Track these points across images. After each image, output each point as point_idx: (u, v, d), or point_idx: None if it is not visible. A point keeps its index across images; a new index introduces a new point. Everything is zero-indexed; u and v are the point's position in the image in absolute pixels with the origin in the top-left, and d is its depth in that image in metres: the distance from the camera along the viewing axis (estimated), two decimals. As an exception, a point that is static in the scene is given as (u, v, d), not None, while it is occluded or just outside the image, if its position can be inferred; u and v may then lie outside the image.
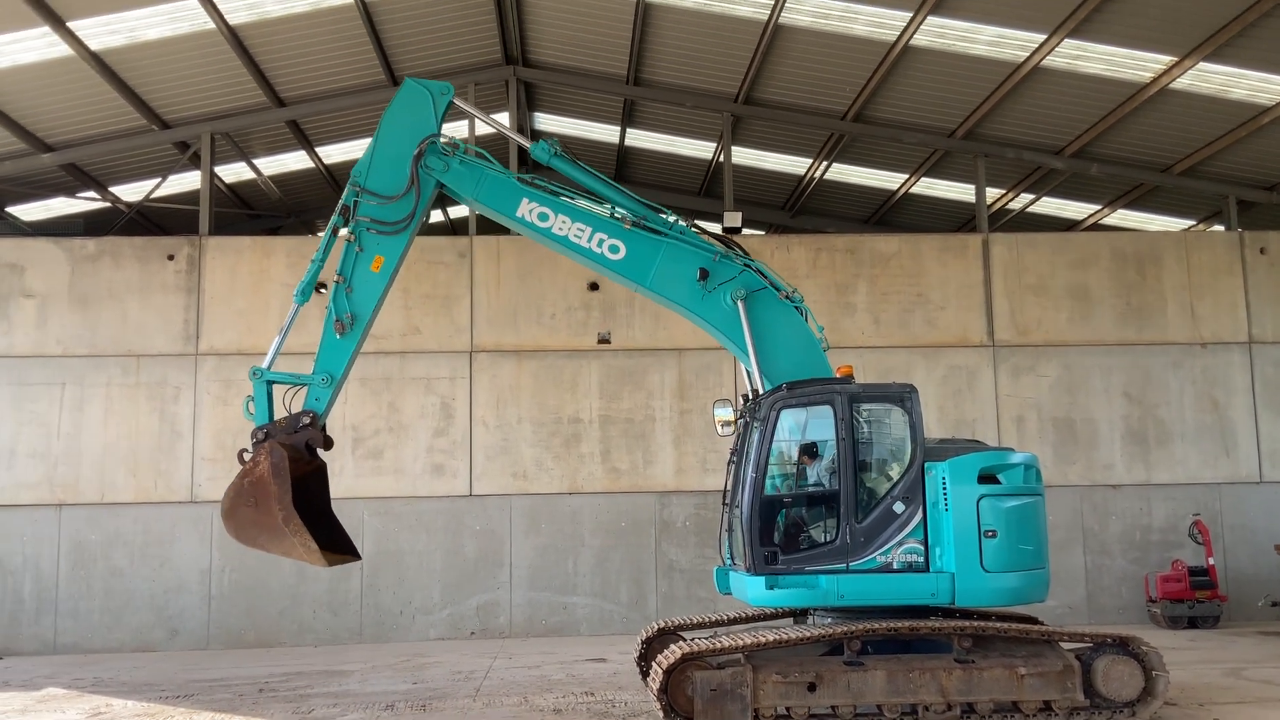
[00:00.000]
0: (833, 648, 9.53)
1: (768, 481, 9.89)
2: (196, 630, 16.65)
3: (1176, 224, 21.48)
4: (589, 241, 10.63)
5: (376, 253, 10.52)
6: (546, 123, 21.14)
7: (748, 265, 10.58)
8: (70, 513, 16.77)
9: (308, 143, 19.88)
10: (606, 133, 21.06)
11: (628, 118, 20.18)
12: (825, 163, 20.57)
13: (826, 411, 9.87)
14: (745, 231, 19.37)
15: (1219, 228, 20.28)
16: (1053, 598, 11.37)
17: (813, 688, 9.19)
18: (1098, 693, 9.43)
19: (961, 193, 21.21)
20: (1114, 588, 17.47)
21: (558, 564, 17.12)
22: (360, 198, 10.56)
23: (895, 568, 9.60)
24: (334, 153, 20.67)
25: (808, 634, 9.42)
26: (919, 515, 9.66)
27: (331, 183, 21.40)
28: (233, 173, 20.63)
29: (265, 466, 9.84)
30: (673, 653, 9.24)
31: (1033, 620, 10.22)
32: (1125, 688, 9.45)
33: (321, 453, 10.46)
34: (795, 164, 21.21)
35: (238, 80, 17.12)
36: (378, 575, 16.89)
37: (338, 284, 10.47)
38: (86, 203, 20.35)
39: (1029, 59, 15.71)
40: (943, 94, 17.30)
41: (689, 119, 19.81)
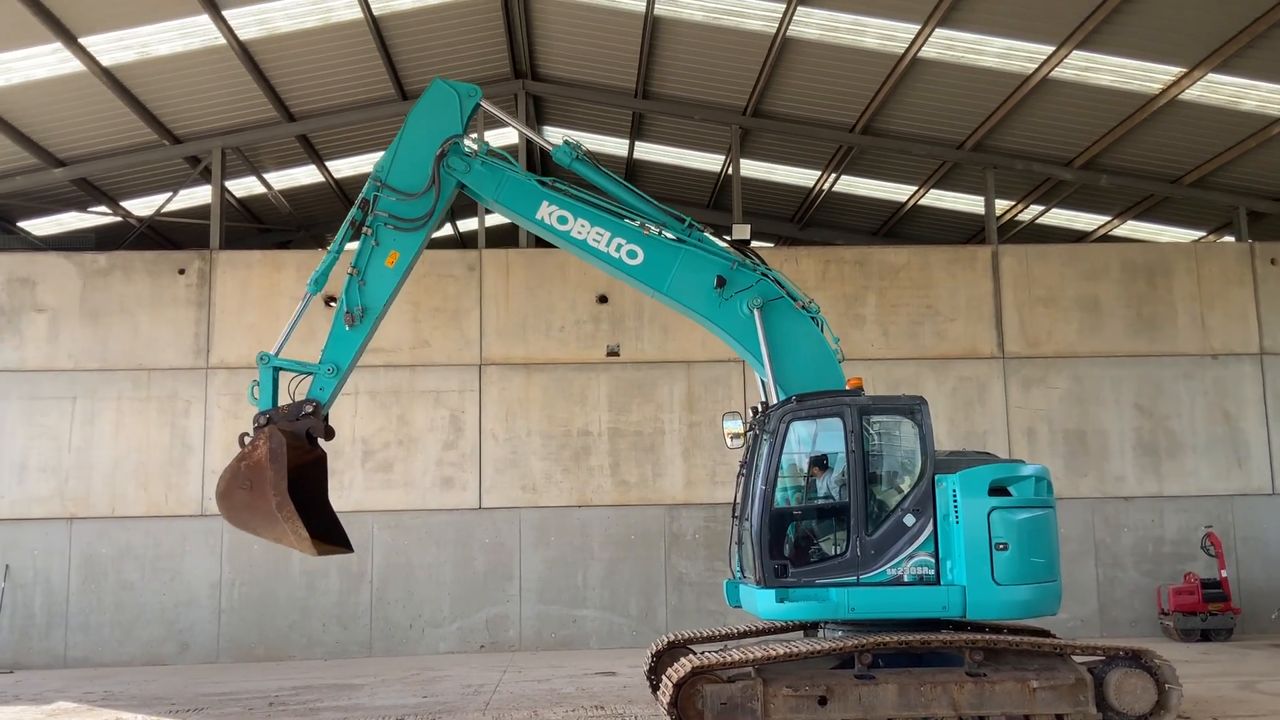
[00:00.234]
0: (843, 661, 9.50)
1: (778, 494, 9.87)
2: (206, 644, 16.66)
3: (1187, 235, 21.44)
4: (607, 246, 10.66)
5: (392, 248, 10.59)
6: (555, 136, 21.18)
7: (765, 274, 10.60)
8: (81, 526, 16.80)
9: (318, 157, 19.96)
10: (616, 146, 21.11)
11: (637, 131, 20.23)
12: (834, 175, 20.58)
13: (836, 424, 9.85)
14: (754, 244, 19.31)
15: (1229, 239, 20.23)
16: (1064, 611, 11.31)
17: (824, 701, 9.16)
18: (1110, 706, 9.40)
19: (971, 204, 21.19)
20: (1126, 600, 17.38)
21: (567, 577, 17.10)
22: (381, 193, 10.63)
23: (906, 580, 9.56)
24: (344, 167, 20.74)
25: (818, 647, 9.39)
26: (930, 528, 9.62)
27: (341, 197, 21.47)
28: (243, 187, 20.72)
29: (263, 451, 9.87)
30: (683, 666, 9.22)
31: (1044, 633, 10.19)
32: (1138, 701, 9.41)
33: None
34: (804, 176, 21.23)
35: (248, 95, 17.21)
36: (387, 588, 16.89)
37: (351, 276, 10.55)
38: (98, 217, 20.46)
39: (1038, 70, 15.71)
40: (952, 106, 17.31)
41: (698, 132, 19.85)
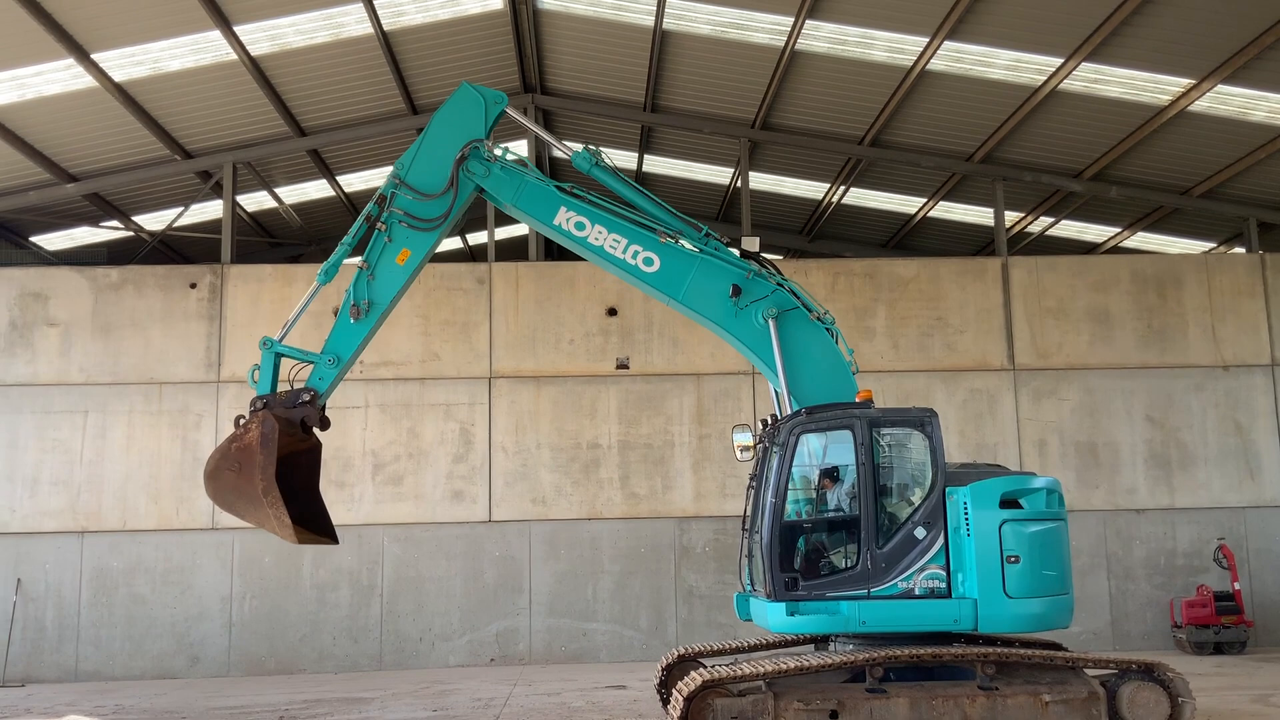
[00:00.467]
0: (855, 675, 9.48)
1: (788, 507, 9.86)
2: (217, 657, 16.67)
3: (1197, 246, 21.39)
4: (624, 253, 10.69)
5: (404, 246, 10.66)
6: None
7: (781, 284, 10.60)
8: (92, 540, 16.85)
9: (329, 171, 20.04)
10: (624, 159, 21.16)
11: (646, 144, 20.28)
12: (843, 187, 20.60)
13: (846, 436, 9.84)
14: (762, 256, 19.36)
15: (1240, 250, 20.18)
16: (1077, 624, 11.29)
17: (835, 715, 9.14)
18: (1123, 720, 9.35)
19: (980, 216, 21.18)
20: (1139, 613, 17.30)
21: (577, 590, 17.08)
22: (399, 190, 10.70)
23: (917, 594, 9.54)
24: (355, 181, 20.83)
25: (829, 661, 9.36)
26: (941, 540, 9.60)
27: (352, 211, 21.55)
28: (254, 201, 20.81)
29: (255, 435, 9.89)
30: (693, 680, 9.20)
31: (1057, 646, 10.15)
32: (1151, 715, 9.37)
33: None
34: (813, 189, 21.25)
35: (259, 110, 17.31)
36: (397, 601, 16.89)
37: (361, 270, 10.62)
38: (110, 232, 20.57)
39: (1046, 82, 15.72)
40: (960, 118, 17.33)
41: (706, 145, 19.89)
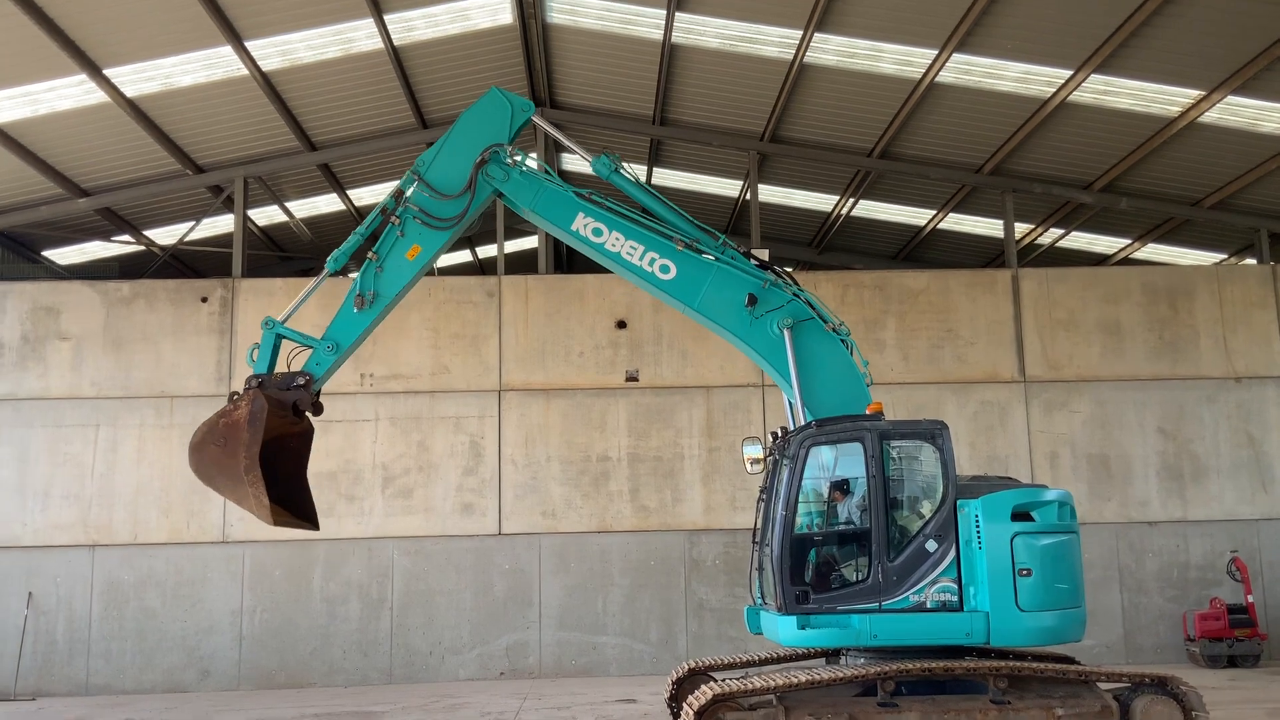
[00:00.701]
0: (866, 688, 9.43)
1: (798, 520, 9.82)
2: (228, 671, 16.67)
3: (1208, 257, 21.33)
4: (640, 260, 10.72)
5: (415, 242, 10.70)
6: (574, 163, 21.30)
7: (796, 295, 10.60)
8: (103, 553, 16.88)
9: (339, 185, 20.12)
10: (633, 172, 21.14)
11: (655, 157, 20.31)
12: (852, 199, 20.60)
13: (856, 449, 9.81)
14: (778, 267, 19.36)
15: (1251, 261, 20.12)
16: (1089, 637, 11.20)
17: (846, 729, 9.09)
18: (1137, 734, 9.28)
19: (990, 228, 21.16)
20: (1151, 626, 17.20)
21: (587, 603, 17.05)
22: (417, 186, 10.75)
23: (929, 607, 9.49)
24: (365, 195, 20.90)
25: (840, 674, 9.32)
26: (952, 553, 9.56)
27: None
28: (265, 215, 20.89)
29: (244, 413, 9.91)
30: (704, 694, 9.17)
31: (1069, 660, 10.09)
32: (1165, 729, 9.29)
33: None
34: (822, 201, 21.25)
35: (270, 125, 17.39)
36: (407, 615, 16.88)
37: (370, 261, 10.67)
38: (121, 246, 20.67)
39: (1056, 94, 15.71)
40: (969, 130, 17.32)
41: (715, 158, 19.91)
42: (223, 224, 20.17)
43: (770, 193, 20.81)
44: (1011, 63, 15.26)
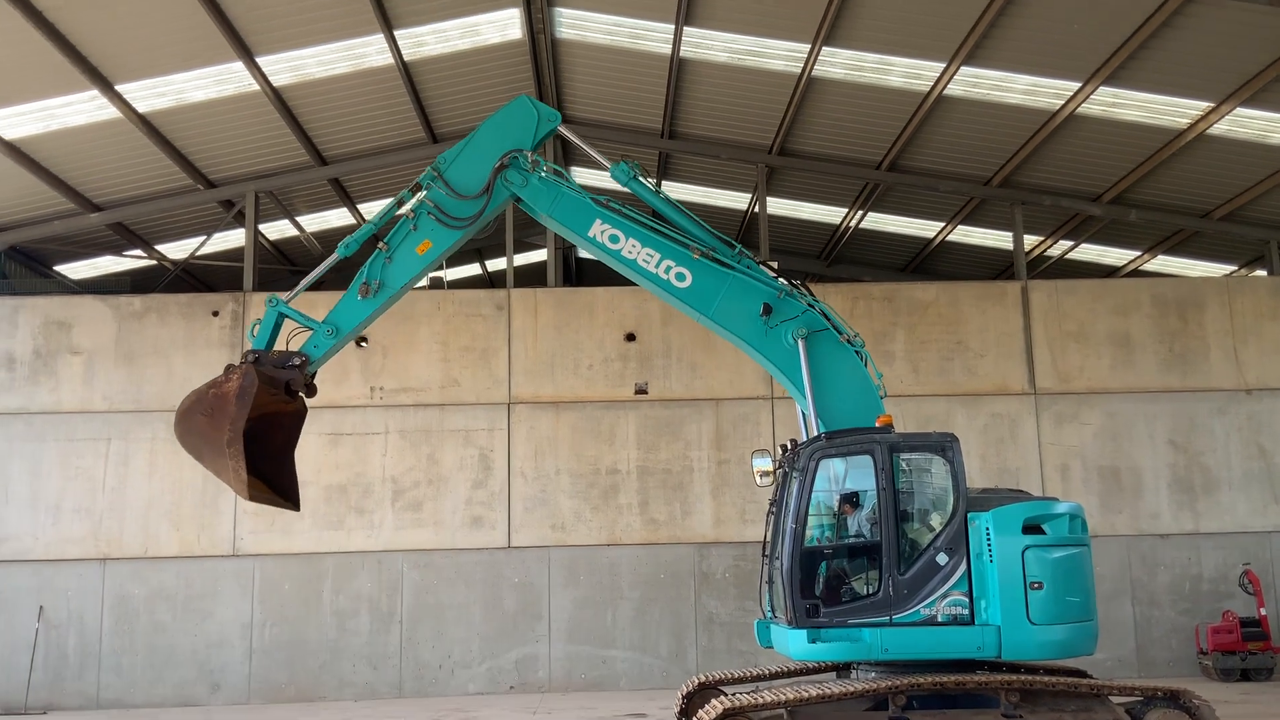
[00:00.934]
0: (877, 703, 9.40)
1: (808, 533, 9.82)
2: (238, 685, 16.67)
3: (1218, 269, 21.28)
4: (656, 267, 10.75)
5: (427, 237, 10.79)
6: (582, 176, 21.35)
7: (811, 305, 10.61)
8: (114, 567, 16.92)
9: (349, 200, 20.20)
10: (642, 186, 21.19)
11: (663, 170, 20.36)
12: (861, 212, 20.61)
13: (866, 461, 9.81)
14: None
15: (1261, 272, 20.07)
16: (1101, 650, 11.15)
17: (857, 743, 9.06)
18: (1150, 748, 9.24)
19: (999, 240, 21.15)
20: (1164, 640, 17.12)
21: (596, 617, 17.03)
22: (435, 183, 10.82)
23: (940, 620, 9.47)
24: (375, 209, 20.94)
25: (851, 689, 9.30)
26: (963, 567, 9.54)
27: (373, 239, 21.65)
28: (276, 230, 20.98)
29: (234, 385, 9.93)
30: (714, 708, 9.15)
31: (1081, 674, 10.05)
32: (1178, 743, 9.25)
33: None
34: (831, 213, 21.27)
35: (281, 140, 17.47)
36: (417, 628, 16.87)
37: (380, 250, 10.76)
38: (133, 261, 20.76)
39: (1064, 107, 15.72)
40: (978, 142, 17.33)
41: (724, 171, 19.96)
42: (234, 238, 20.25)
43: (779, 205, 20.83)
44: (1020, 75, 15.27)
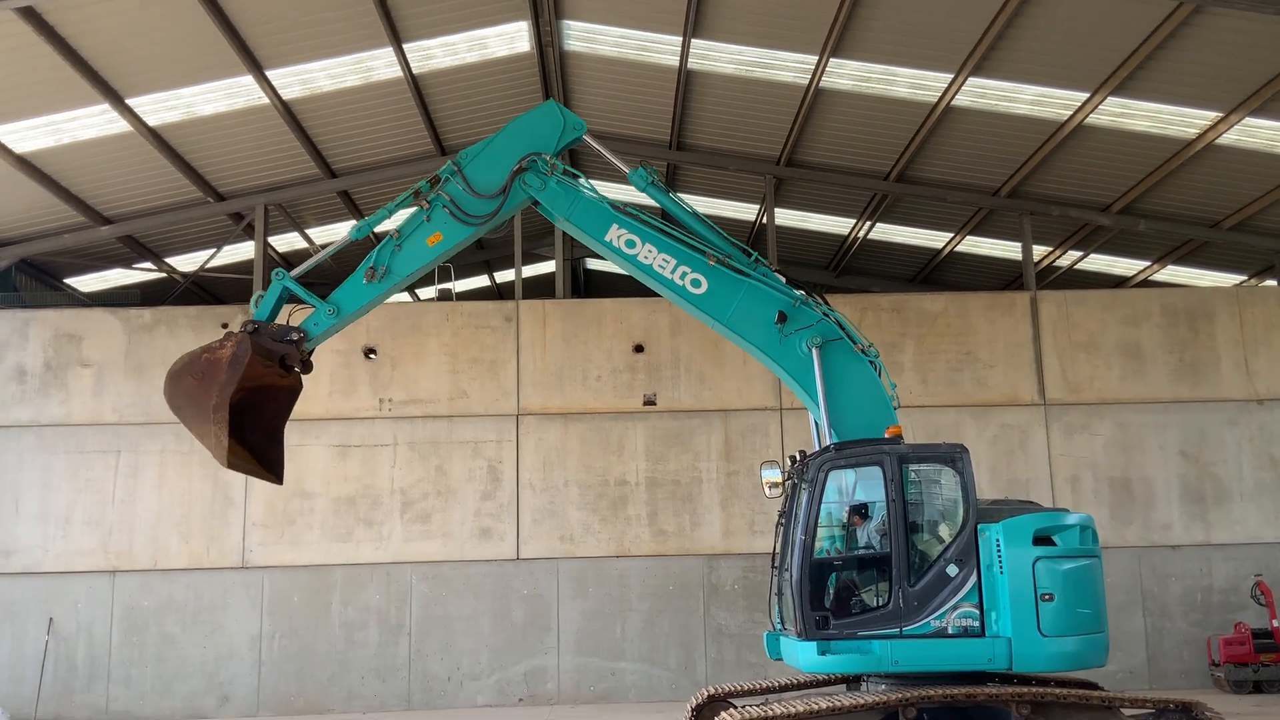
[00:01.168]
0: (888, 715, 9.36)
1: (818, 544, 9.79)
2: (247, 697, 16.66)
3: (1227, 279, 21.22)
4: (672, 273, 10.79)
5: (439, 229, 10.86)
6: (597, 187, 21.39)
7: (826, 314, 10.62)
8: (124, 579, 16.93)
9: (358, 212, 20.25)
10: (649, 197, 21.21)
11: (671, 182, 20.38)
12: (869, 223, 20.61)
13: (876, 472, 9.78)
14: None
15: (1271, 282, 20.02)
16: (1112, 662, 11.10)
17: (868, 756, 9.02)
18: (1162, 761, 9.19)
19: (1008, 250, 21.12)
20: (1175, 651, 17.03)
21: (605, 628, 16.99)
22: (454, 178, 10.87)
23: (950, 632, 9.44)
24: (385, 221, 20.96)
25: (861, 701, 9.27)
26: (973, 578, 9.50)
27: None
28: (285, 242, 21.04)
29: (228, 353, 10.04)
30: (724, 720, 9.12)
31: (1092, 685, 10.00)
32: (1191, 755, 9.20)
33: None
34: (839, 224, 21.27)
35: (290, 153, 17.53)
36: (425, 640, 16.85)
37: (391, 237, 10.82)
38: (143, 273, 20.84)
39: (1072, 117, 15.71)
40: (986, 153, 17.33)
41: (732, 182, 19.98)
42: (243, 251, 20.32)
43: (787, 216, 20.84)
44: (1027, 86, 15.27)
